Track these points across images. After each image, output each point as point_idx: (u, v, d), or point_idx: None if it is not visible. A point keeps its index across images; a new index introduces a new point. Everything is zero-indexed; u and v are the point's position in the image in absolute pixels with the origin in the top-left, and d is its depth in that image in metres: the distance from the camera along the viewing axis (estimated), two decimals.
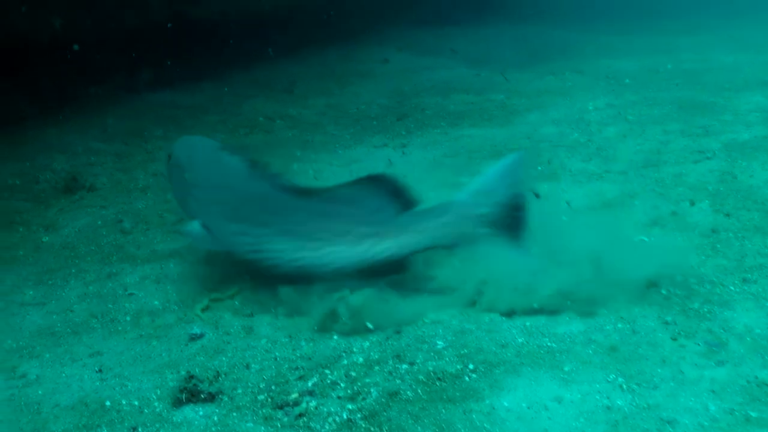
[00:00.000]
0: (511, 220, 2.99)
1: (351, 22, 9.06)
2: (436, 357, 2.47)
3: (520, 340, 2.55)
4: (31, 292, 3.19)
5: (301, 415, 2.24)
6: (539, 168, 4.35)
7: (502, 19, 12.77)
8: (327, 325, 2.72)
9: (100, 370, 2.56)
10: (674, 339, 2.51)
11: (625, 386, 2.26)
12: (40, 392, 2.46)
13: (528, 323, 2.66)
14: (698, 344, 2.46)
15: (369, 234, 2.89)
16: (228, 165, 3.07)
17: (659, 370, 2.32)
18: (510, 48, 9.47)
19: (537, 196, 3.99)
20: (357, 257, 2.85)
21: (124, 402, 2.36)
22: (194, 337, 2.76)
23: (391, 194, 2.93)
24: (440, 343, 2.56)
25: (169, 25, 5.91)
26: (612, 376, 2.31)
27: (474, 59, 8.53)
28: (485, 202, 2.98)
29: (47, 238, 3.73)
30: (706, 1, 14.09)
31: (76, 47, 5.11)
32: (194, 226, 3.07)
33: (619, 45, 9.19)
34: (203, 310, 2.93)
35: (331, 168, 4.54)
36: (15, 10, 4.80)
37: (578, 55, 8.67)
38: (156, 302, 3.03)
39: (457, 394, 2.28)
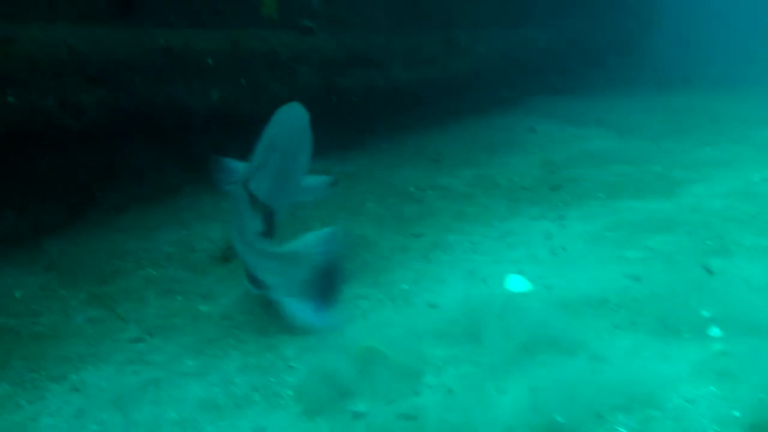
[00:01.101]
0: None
1: (493, 92, 8.98)
2: None
3: None
4: (191, 362, 3.15)
5: None
6: (709, 243, 4.12)
7: (646, 88, 12.53)
8: None
9: None
10: None
11: None
12: None
13: None
14: None
15: None
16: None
17: None
18: (658, 118, 9.20)
19: (710, 272, 3.76)
20: None
21: None
22: (357, 416, 2.65)
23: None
24: None
25: (320, 94, 5.94)
26: None
27: (622, 129, 8.31)
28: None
29: (205, 307, 3.70)
30: None
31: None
32: None
33: None
34: None
35: (487, 241, 4.39)
36: (175, 83, 4.90)
37: (733, 124, 8.35)
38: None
39: None
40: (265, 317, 3.48)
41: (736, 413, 2.55)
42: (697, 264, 3.79)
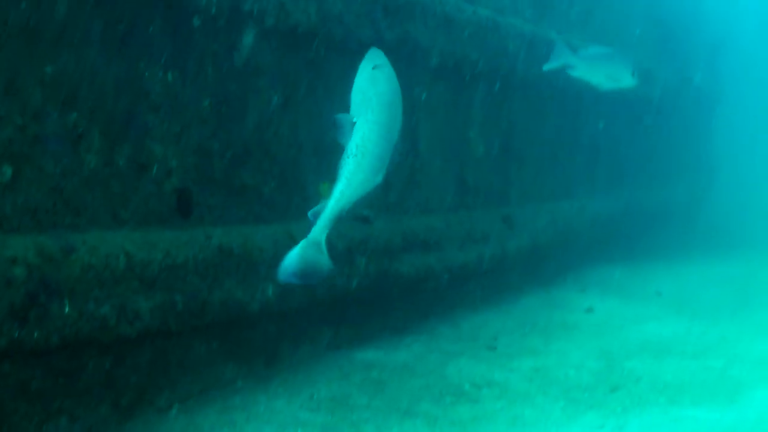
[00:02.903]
0: None
1: (550, 265, 8.93)
2: None
3: None
4: None
5: None
6: None
7: (706, 249, 12.39)
8: None
9: None
10: None
11: None
12: None
13: None
14: None
15: None
16: None
17: None
18: (719, 291, 9.05)
19: None
20: None
21: None
22: None
23: None
24: None
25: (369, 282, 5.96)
26: None
27: (681, 305, 8.18)
28: None
29: None
30: None
31: None
32: None
33: None
34: None
35: None
36: (231, 281, 4.94)
37: None
38: None
39: None
40: None
41: None
42: None
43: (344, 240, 5.75)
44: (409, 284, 6.49)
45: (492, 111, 7.88)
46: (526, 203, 8.53)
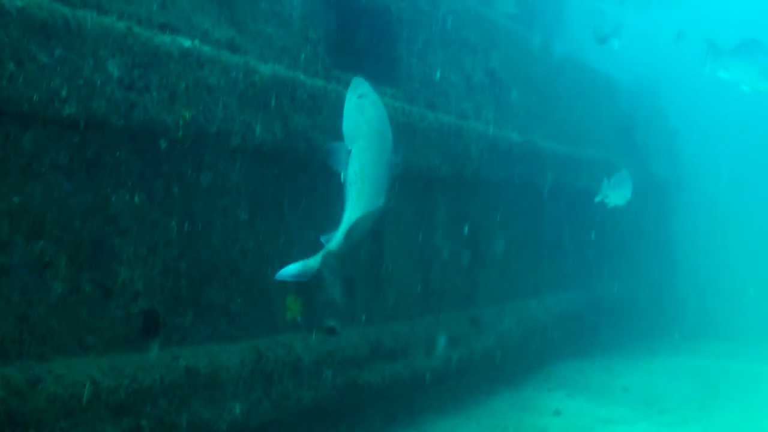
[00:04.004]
0: None
1: (517, 364, 8.95)
2: None
3: None
4: None
5: None
6: None
7: (671, 338, 12.50)
8: None
9: None
10: None
11: None
12: None
13: None
14: None
15: None
16: None
17: None
18: (686, 384, 9.12)
19: None
20: None
21: None
22: None
23: None
24: None
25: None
26: None
27: (649, 399, 8.24)
28: None
29: None
30: None
31: None
32: None
33: None
34: None
35: None
36: (199, 404, 4.92)
37: None
38: None
39: None
40: None
41: None
42: None
43: (311, 353, 5.75)
44: (377, 393, 6.48)
45: (456, 213, 7.99)
46: (492, 303, 8.59)
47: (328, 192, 5.26)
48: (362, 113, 4.32)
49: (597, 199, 8.25)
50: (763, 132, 20.49)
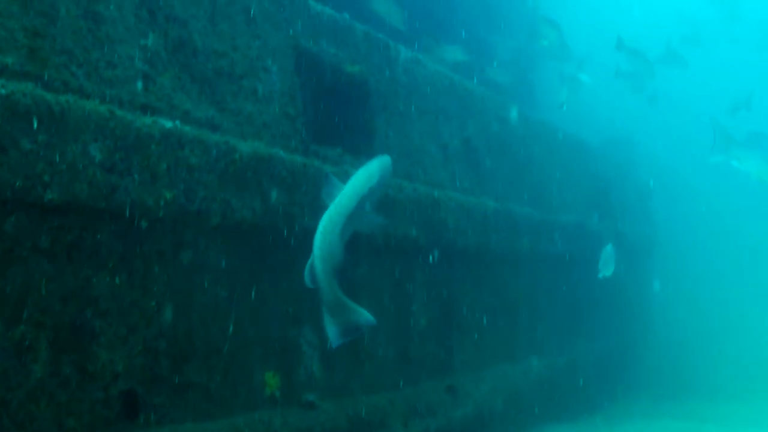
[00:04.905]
0: None
1: (493, 428, 8.95)
2: None
3: None
4: None
5: None
6: None
7: (644, 397, 12.56)
8: None
9: None
10: None
11: None
12: None
13: None
14: None
15: None
16: None
17: None
18: None
19: None
20: None
21: None
22: None
23: None
24: None
25: None
26: None
27: None
28: None
29: None
30: None
31: None
32: None
33: None
34: None
35: None
36: None
37: None
38: None
39: None
40: None
41: None
42: None
43: (290, 429, 5.75)
44: None
45: (433, 283, 8.05)
46: (470, 370, 8.62)
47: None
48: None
49: (600, 275, 8.55)
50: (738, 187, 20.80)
